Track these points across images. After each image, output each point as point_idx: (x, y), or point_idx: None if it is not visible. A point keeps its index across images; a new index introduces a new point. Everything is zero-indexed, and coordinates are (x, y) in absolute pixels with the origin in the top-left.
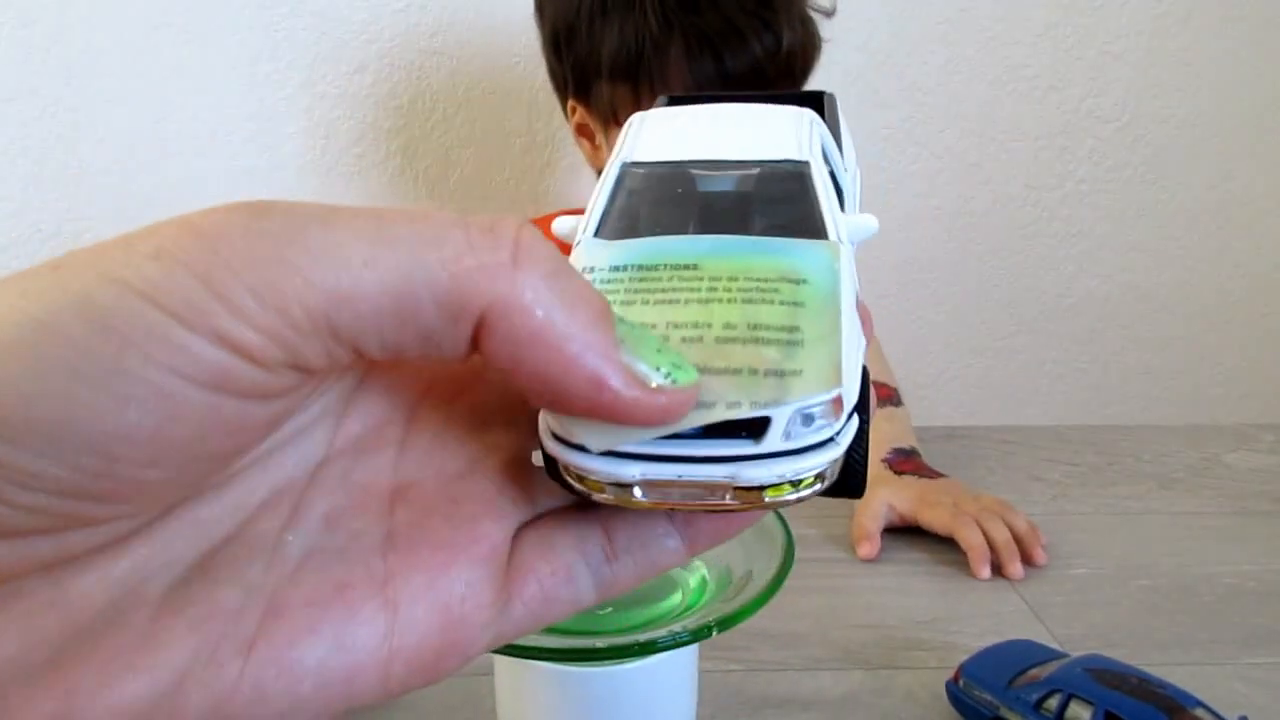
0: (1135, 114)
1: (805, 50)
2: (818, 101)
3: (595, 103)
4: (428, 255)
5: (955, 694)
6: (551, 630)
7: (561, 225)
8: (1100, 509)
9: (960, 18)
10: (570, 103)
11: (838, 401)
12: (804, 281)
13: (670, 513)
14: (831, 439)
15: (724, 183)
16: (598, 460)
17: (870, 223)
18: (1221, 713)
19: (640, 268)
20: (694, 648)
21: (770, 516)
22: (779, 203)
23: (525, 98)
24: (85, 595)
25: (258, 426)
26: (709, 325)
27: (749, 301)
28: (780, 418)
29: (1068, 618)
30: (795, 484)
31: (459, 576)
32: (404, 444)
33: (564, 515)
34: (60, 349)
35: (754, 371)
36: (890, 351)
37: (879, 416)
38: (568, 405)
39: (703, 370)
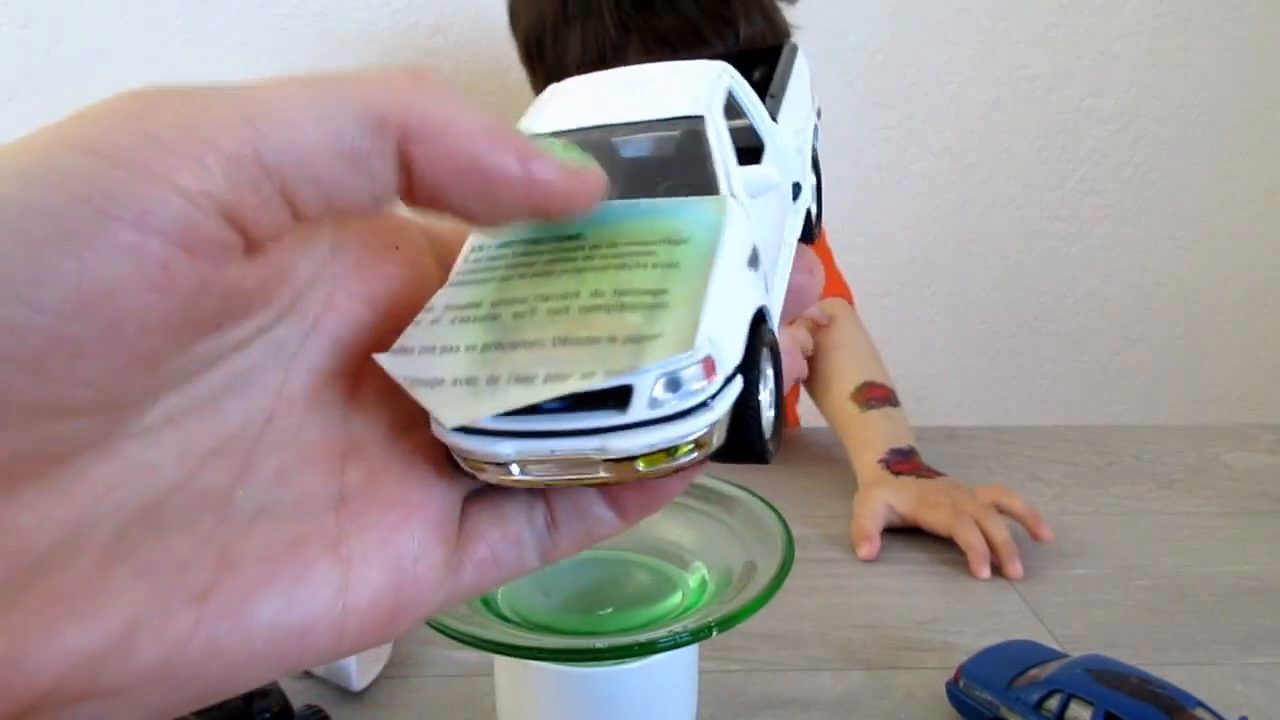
0: (1135, 114)
1: (768, 42)
2: (776, 54)
3: None
4: (335, 86)
5: (955, 694)
6: (552, 630)
7: None
8: (1100, 509)
9: (960, 18)
10: None
11: (708, 363)
12: (684, 241)
13: (600, 487)
14: (704, 403)
15: (623, 146)
16: (475, 440)
17: (769, 174)
18: (1221, 713)
19: (525, 242)
20: (694, 648)
21: (770, 516)
22: (674, 161)
23: (525, 98)
24: (25, 536)
25: (191, 300)
26: (577, 295)
27: (622, 267)
28: (642, 385)
29: (1068, 618)
30: (670, 452)
31: (412, 536)
32: (351, 403)
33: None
34: None
35: (613, 339)
36: (890, 352)
37: (877, 416)
38: (503, 193)
39: (564, 341)
